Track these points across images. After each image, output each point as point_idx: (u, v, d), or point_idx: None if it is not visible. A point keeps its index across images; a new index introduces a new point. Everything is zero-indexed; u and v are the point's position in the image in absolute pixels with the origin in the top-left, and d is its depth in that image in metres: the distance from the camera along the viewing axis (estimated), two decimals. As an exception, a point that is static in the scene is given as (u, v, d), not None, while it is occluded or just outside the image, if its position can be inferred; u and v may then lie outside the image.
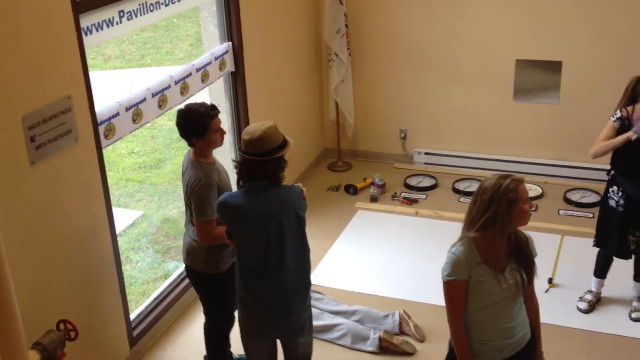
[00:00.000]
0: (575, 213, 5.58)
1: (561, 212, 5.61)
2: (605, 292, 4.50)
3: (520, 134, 6.15)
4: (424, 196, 5.99)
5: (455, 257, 2.70)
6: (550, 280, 4.67)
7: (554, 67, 5.88)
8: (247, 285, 3.15)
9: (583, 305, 4.41)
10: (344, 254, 5.20)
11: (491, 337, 2.77)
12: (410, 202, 5.88)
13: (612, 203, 4.12)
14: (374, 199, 5.93)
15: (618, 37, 5.59)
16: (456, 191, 6.02)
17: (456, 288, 2.71)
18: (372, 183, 6.04)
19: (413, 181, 6.21)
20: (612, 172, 4.15)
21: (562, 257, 4.98)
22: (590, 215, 5.51)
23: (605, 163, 5.87)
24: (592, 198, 5.70)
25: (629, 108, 3.99)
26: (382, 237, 5.39)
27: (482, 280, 2.68)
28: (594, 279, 4.45)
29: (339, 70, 6.22)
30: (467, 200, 4.98)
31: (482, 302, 2.72)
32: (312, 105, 6.53)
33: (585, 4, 5.58)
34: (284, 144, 3.08)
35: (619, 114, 3.99)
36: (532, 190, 5.86)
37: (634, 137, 3.85)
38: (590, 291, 4.47)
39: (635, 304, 4.35)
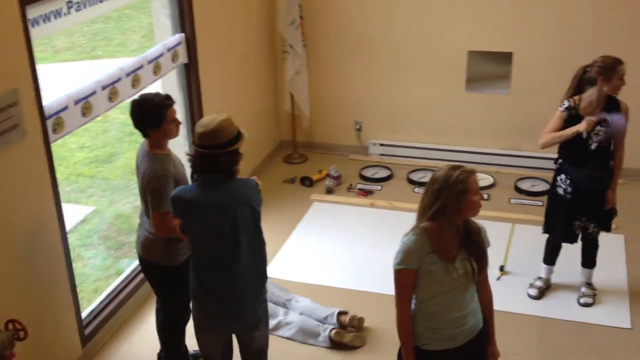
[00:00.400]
0: (525, 201, 5.70)
1: (512, 201, 5.73)
2: (555, 279, 4.61)
3: (472, 124, 6.25)
4: (379, 187, 6.03)
5: (406, 247, 2.73)
6: (501, 268, 4.76)
7: (505, 58, 5.98)
8: (201, 280, 3.13)
9: (533, 292, 4.51)
10: (301, 246, 5.20)
11: (442, 326, 2.80)
12: (366, 193, 5.92)
13: (560, 191, 4.21)
14: (329, 191, 5.95)
15: (567, 28, 5.71)
16: (411, 182, 6.08)
17: (405, 276, 2.74)
18: (328, 175, 6.05)
19: (368, 172, 6.24)
20: (560, 160, 4.24)
21: (513, 245, 5.09)
22: (540, 203, 5.63)
23: (554, 152, 6.01)
24: (542, 187, 5.83)
25: (576, 98, 4.07)
26: (338, 229, 5.41)
27: (432, 269, 2.72)
28: (544, 265, 4.55)
29: (294, 62, 6.20)
30: (422, 190, 5.02)
31: (433, 291, 2.75)
32: (267, 97, 6.50)
33: (534, -4, 5.70)
34: (238, 136, 3.06)
35: (566, 104, 4.08)
36: (484, 179, 5.95)
37: (584, 132, 3.93)
38: (540, 278, 4.57)
39: (583, 289, 4.47)
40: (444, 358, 2.85)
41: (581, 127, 3.93)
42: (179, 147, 4.97)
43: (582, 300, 4.43)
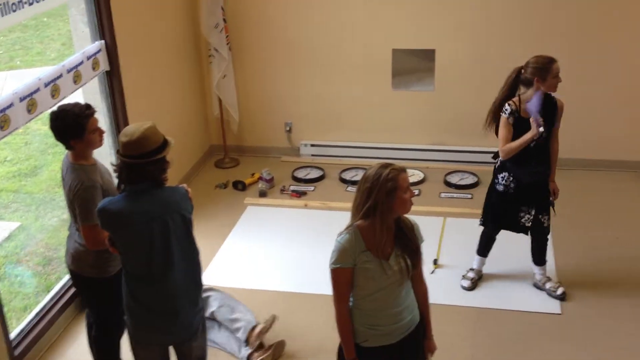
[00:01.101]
0: (455, 195, 5.83)
1: (442, 194, 5.84)
2: (485, 269, 4.72)
3: (400, 121, 6.34)
4: (312, 188, 6.05)
5: (340, 246, 2.75)
6: (435, 262, 4.85)
7: (428, 55, 6.09)
8: (134, 292, 3.06)
9: (466, 283, 4.61)
10: (236, 251, 5.16)
11: (380, 322, 2.83)
12: (299, 194, 5.92)
13: (500, 188, 4.27)
14: (262, 194, 5.92)
15: (486, 25, 5.86)
16: (343, 181, 6.12)
17: (341, 275, 2.76)
18: (260, 178, 6.02)
19: (301, 173, 6.25)
20: (499, 159, 4.25)
21: (445, 238, 5.19)
22: (469, 196, 5.77)
23: (487, 146, 6.17)
24: (470, 180, 5.97)
25: (515, 100, 4.08)
26: (273, 232, 5.39)
27: (367, 267, 2.74)
28: (477, 257, 4.65)
29: (220, 66, 6.15)
30: (354, 189, 5.06)
31: (369, 288, 2.78)
32: (195, 102, 6.41)
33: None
34: (164, 144, 3.00)
35: (508, 108, 4.06)
36: (414, 175, 6.05)
37: (544, 133, 4.00)
38: (472, 269, 4.67)
39: (549, 285, 4.47)
40: (382, 354, 2.88)
41: (533, 133, 3.95)
42: (106, 156, 4.86)
43: (559, 293, 4.42)
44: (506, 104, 4.09)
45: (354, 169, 6.24)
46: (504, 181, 4.24)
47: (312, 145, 6.55)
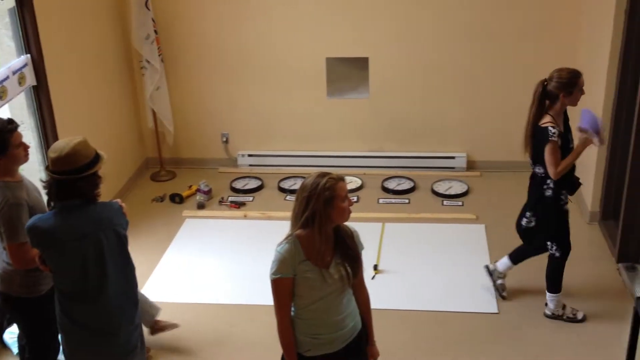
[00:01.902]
0: (393, 200, 5.90)
1: (380, 200, 5.90)
2: (425, 272, 4.79)
3: (337, 129, 6.38)
4: (251, 198, 6.01)
5: (280, 256, 2.74)
6: (375, 267, 4.89)
7: (362, 63, 6.16)
8: (68, 312, 2.96)
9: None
10: (175, 265, 5.07)
11: (322, 331, 2.83)
12: (238, 205, 5.88)
13: (566, 208, 4.13)
14: (201, 206, 5.85)
15: (417, 32, 5.97)
16: (282, 190, 6.11)
17: (282, 285, 2.75)
18: (198, 190, 5.95)
19: (239, 184, 6.21)
20: (551, 180, 4.02)
21: (384, 243, 5.24)
22: (407, 201, 5.86)
23: (415, 150, 6.28)
24: (407, 185, 6.06)
25: (552, 121, 3.91)
26: (213, 244, 5.33)
27: (308, 276, 2.74)
28: (553, 295, 4.31)
29: (153, 77, 6.05)
30: (293, 198, 5.07)
31: (310, 297, 2.78)
32: (128, 115, 6.29)
33: (385, 2, 5.90)
34: (96, 159, 2.93)
35: (555, 131, 3.87)
36: (353, 182, 6.10)
37: (598, 144, 3.91)
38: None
39: (568, 310, 4.34)
40: (325, 362, 2.88)
41: (591, 143, 3.89)
42: (35, 173, 4.71)
43: (580, 317, 4.31)
44: (550, 128, 3.88)
45: (293, 177, 6.24)
46: (566, 198, 4.09)
47: (250, 156, 6.52)
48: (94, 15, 5.62)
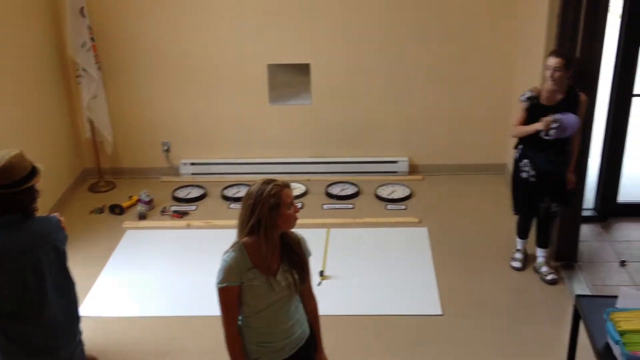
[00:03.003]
0: (337, 206, 5.92)
1: (325, 206, 5.92)
2: (369, 275, 4.82)
3: (280, 136, 6.37)
4: (194, 207, 5.93)
5: (226, 264, 2.71)
6: (321, 273, 4.89)
7: (304, 69, 6.17)
8: (6, 331, 2.85)
9: (517, 264, 4.85)
10: (116, 278, 4.95)
11: (271, 339, 2.81)
12: (181, 215, 5.79)
13: (523, 175, 4.50)
14: (142, 217, 5.73)
15: (357, 38, 6.02)
16: (226, 198, 6.05)
17: (229, 294, 2.72)
18: (139, 200, 5.83)
19: (181, 193, 6.12)
20: (521, 146, 4.50)
21: (330, 249, 5.25)
22: (351, 206, 5.89)
23: (359, 155, 6.34)
24: (351, 190, 6.10)
25: (537, 87, 4.37)
26: (156, 255, 5.23)
27: (255, 284, 2.72)
28: (518, 240, 4.85)
29: (90, 86, 5.91)
30: (238, 206, 5.03)
31: (258, 305, 2.75)
32: (64, 125, 6.12)
33: (325, 9, 5.93)
34: (33, 172, 2.83)
35: (527, 94, 4.34)
36: (297, 189, 6.09)
37: (542, 133, 4.23)
38: (518, 250, 4.89)
39: (544, 269, 4.74)
40: (274, 371, 2.86)
41: (539, 126, 4.24)
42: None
43: (549, 278, 4.70)
44: (526, 92, 4.38)
45: (236, 185, 6.19)
46: (526, 168, 4.48)
47: (192, 164, 6.44)
48: (27, 23, 5.45)
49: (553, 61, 4.24)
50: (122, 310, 4.58)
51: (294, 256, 2.80)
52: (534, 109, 4.37)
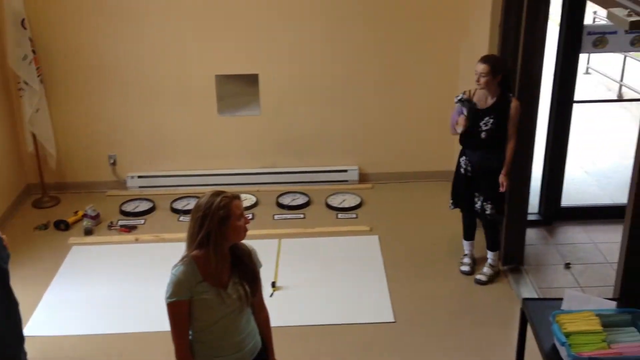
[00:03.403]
0: (288, 216, 5.91)
1: (276, 217, 5.90)
2: (317, 286, 4.83)
3: (229, 147, 6.33)
4: (142, 221, 5.84)
5: (175, 278, 2.67)
6: (273, 284, 4.87)
7: (252, 80, 6.15)
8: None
9: (466, 268, 4.96)
10: (62, 296, 4.81)
11: (222, 353, 2.78)
12: (129, 229, 5.68)
13: (461, 170, 4.74)
14: (88, 232, 5.61)
15: (305, 48, 6.04)
16: (175, 211, 5.97)
17: (179, 309, 2.68)
18: (85, 215, 5.70)
19: (129, 207, 6.01)
20: (461, 145, 4.73)
21: (281, 259, 5.23)
22: (302, 216, 5.89)
23: (309, 165, 6.37)
24: (302, 200, 6.10)
25: (470, 90, 4.55)
26: (103, 271, 5.11)
27: (205, 297, 2.68)
28: (465, 242, 5.00)
29: (32, 99, 5.76)
30: (187, 218, 4.96)
31: (208, 319, 2.72)
32: (6, 139, 5.94)
33: (272, 19, 5.94)
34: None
35: (460, 95, 4.61)
36: (247, 200, 6.06)
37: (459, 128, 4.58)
38: (465, 255, 5.01)
39: (485, 269, 4.89)
40: (226, 384, 2.82)
41: (455, 120, 4.61)
42: None
43: (477, 276, 4.87)
44: (462, 92, 4.67)
45: (186, 198, 6.11)
46: (463, 164, 4.71)
47: (140, 177, 6.34)
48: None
49: (479, 67, 4.46)
50: (69, 329, 4.46)
51: (245, 268, 2.77)
52: (470, 111, 4.58)
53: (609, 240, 5.30)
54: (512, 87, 4.58)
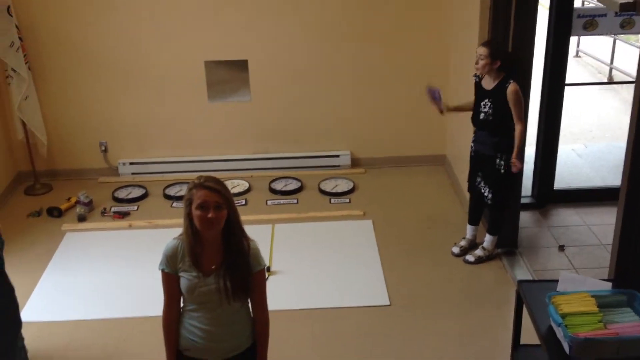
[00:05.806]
0: (281, 201, 5.91)
1: (269, 202, 5.90)
2: (314, 269, 4.84)
3: (221, 133, 6.31)
4: (135, 207, 5.82)
5: (166, 250, 2.74)
6: (268, 269, 4.88)
7: (242, 65, 6.12)
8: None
9: (456, 249, 5.01)
10: (57, 282, 4.81)
11: (197, 337, 2.78)
12: (122, 215, 5.67)
13: (472, 152, 4.77)
14: (82, 219, 5.59)
15: (294, 33, 6.02)
16: (168, 197, 5.95)
17: (166, 278, 2.75)
18: (78, 202, 5.68)
19: (122, 193, 5.99)
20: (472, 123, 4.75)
21: (275, 244, 5.24)
22: (295, 201, 5.89)
23: (301, 150, 6.34)
24: (294, 185, 6.10)
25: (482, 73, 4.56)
26: (97, 257, 5.10)
27: (185, 277, 2.71)
28: (468, 226, 5.02)
29: (20, 87, 5.72)
30: (180, 205, 4.96)
31: (188, 298, 2.75)
32: (-5, 127, 5.91)
33: (261, 4, 5.90)
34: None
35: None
36: (239, 185, 6.05)
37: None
38: (464, 237, 5.04)
39: (477, 251, 4.94)
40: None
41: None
42: None
43: (466, 256, 4.94)
44: None
45: (179, 184, 6.10)
46: (472, 145, 4.76)
47: (132, 164, 6.31)
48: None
49: (479, 50, 4.50)
50: (65, 314, 4.46)
51: (234, 266, 2.69)
52: (477, 88, 4.65)
53: (602, 222, 5.33)
54: (517, 76, 4.49)
